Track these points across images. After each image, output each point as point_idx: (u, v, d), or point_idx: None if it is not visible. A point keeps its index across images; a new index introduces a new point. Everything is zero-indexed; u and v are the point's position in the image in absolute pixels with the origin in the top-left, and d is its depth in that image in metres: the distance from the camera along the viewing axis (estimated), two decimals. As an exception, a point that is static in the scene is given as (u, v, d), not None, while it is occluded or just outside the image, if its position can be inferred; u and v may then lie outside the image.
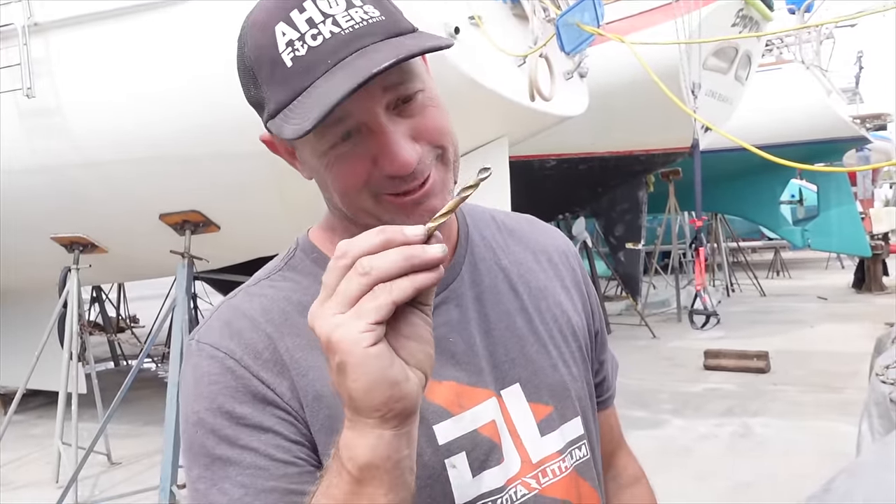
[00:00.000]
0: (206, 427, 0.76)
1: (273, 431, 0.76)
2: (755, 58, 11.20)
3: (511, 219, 1.04)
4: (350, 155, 0.77)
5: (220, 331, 0.81)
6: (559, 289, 0.99)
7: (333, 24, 0.73)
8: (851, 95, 17.97)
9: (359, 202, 0.79)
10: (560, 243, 1.05)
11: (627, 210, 11.42)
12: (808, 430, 5.57)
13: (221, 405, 0.76)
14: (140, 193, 5.33)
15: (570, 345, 0.96)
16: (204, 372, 0.79)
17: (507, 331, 0.90)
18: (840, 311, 11.46)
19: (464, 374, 0.85)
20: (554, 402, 0.90)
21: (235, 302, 0.85)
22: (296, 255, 0.90)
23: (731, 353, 7.92)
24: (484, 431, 0.84)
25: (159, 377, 9.14)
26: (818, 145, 14.34)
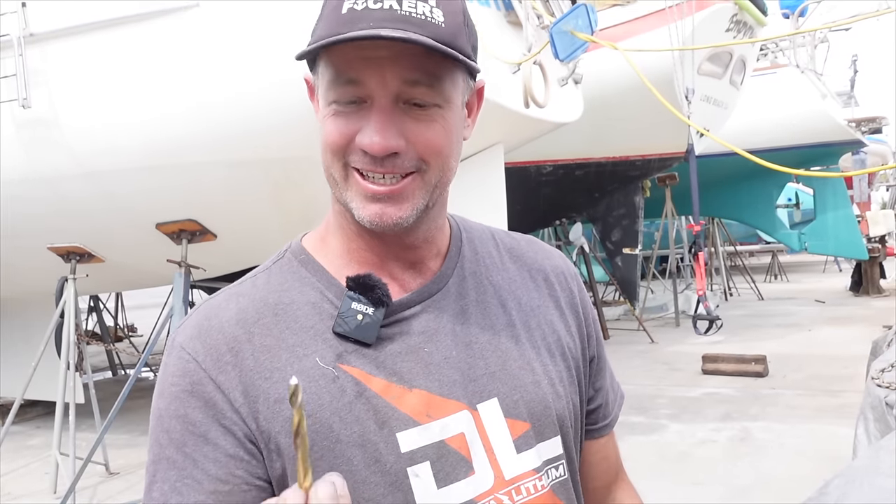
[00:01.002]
0: (163, 426, 0.81)
1: (213, 444, 0.79)
2: (750, 62, 11.25)
3: (510, 237, 1.04)
4: (346, 116, 0.80)
5: (192, 330, 0.84)
6: (552, 309, 0.98)
7: (397, 2, 0.77)
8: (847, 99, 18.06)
9: (333, 167, 0.82)
10: (559, 264, 1.04)
11: (624, 215, 11.44)
12: (806, 434, 5.58)
13: (177, 408, 0.80)
14: (136, 203, 5.33)
15: (558, 364, 0.94)
16: (170, 371, 0.83)
17: (489, 345, 0.89)
18: (838, 315, 11.47)
19: (435, 384, 0.84)
20: (532, 419, 0.88)
21: (214, 302, 0.87)
22: (285, 256, 0.92)
23: (729, 357, 7.93)
24: (452, 443, 0.83)
25: (157, 386, 9.12)
26: (814, 149, 14.39)
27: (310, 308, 0.85)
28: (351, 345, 0.83)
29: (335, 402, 0.80)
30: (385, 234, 0.85)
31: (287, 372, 0.81)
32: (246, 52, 4.62)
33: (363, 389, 0.81)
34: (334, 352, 0.82)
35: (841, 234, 14.58)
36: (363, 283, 0.84)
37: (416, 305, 0.88)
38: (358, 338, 0.83)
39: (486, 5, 5.25)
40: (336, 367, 0.82)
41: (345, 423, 0.80)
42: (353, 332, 0.83)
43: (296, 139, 4.81)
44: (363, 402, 0.81)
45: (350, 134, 0.80)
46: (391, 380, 0.83)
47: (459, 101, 0.85)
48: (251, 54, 4.60)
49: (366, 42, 0.76)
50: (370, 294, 0.83)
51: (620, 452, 1.12)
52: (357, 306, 0.83)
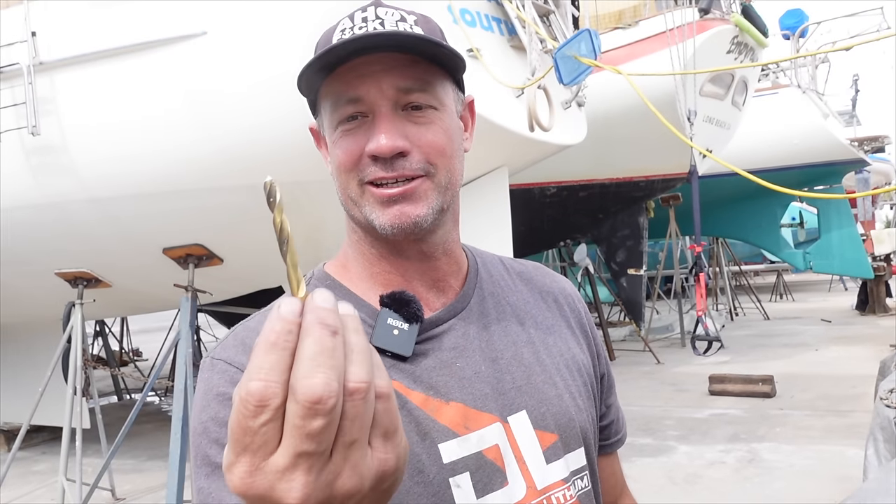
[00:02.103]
0: (211, 437, 0.79)
1: None
2: (751, 83, 11.31)
3: (518, 263, 1.09)
4: (352, 134, 0.85)
5: (233, 348, 0.85)
6: (564, 328, 1.02)
7: (381, 24, 0.85)
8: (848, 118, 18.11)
9: (348, 186, 0.87)
10: (565, 287, 1.09)
11: (628, 236, 11.45)
12: (815, 455, 5.54)
13: (226, 416, 0.75)
14: (144, 228, 5.37)
15: (576, 379, 0.98)
16: (214, 384, 0.82)
17: (513, 360, 0.93)
18: (844, 334, 11.43)
19: (469, 397, 0.87)
20: (559, 430, 0.92)
21: (251, 324, 0.89)
22: (310, 283, 0.95)
23: (735, 377, 7.89)
24: (488, 454, 0.86)
25: (163, 411, 9.11)
26: (817, 168, 14.42)
27: None
28: (388, 360, 0.85)
29: None
30: (406, 247, 0.89)
31: None
32: (252, 79, 4.67)
33: (404, 402, 0.84)
34: None
35: (846, 252, 14.56)
36: (398, 299, 0.86)
37: (444, 323, 0.91)
38: (395, 351, 0.85)
39: (490, 30, 5.31)
40: None
41: None
42: (391, 345, 0.85)
43: (302, 164, 4.84)
44: (405, 414, 0.83)
45: (359, 150, 0.84)
46: (429, 393, 0.86)
47: (453, 107, 0.91)
48: (257, 81, 4.66)
49: (359, 60, 0.83)
50: (405, 309, 0.86)
51: (628, 474, 1.16)
52: (392, 322, 0.86)
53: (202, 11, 4.73)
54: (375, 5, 0.88)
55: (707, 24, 9.19)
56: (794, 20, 14.60)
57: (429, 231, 0.88)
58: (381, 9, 0.87)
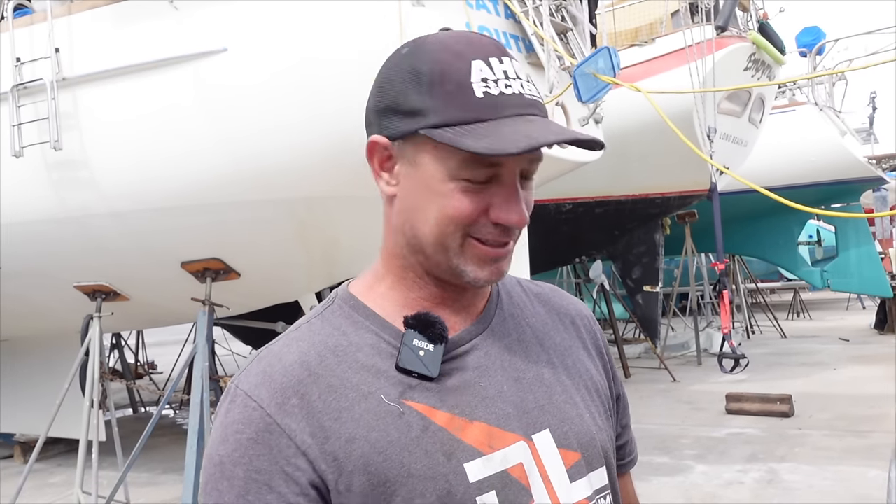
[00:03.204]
0: (225, 473, 0.82)
1: (277, 492, 0.81)
2: (768, 100, 11.28)
3: (535, 284, 1.10)
4: (475, 193, 0.85)
5: (255, 377, 0.87)
6: (581, 349, 1.04)
7: (521, 86, 0.85)
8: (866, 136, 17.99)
9: (448, 237, 0.87)
10: (581, 308, 1.11)
11: (644, 253, 11.40)
12: (835, 476, 5.46)
13: (241, 455, 0.82)
14: (162, 242, 5.41)
15: (594, 400, 1.00)
16: (234, 419, 0.85)
17: (535, 380, 0.94)
18: (863, 353, 11.29)
19: (493, 416, 0.88)
20: (582, 449, 0.93)
21: (275, 348, 0.90)
22: (334, 303, 0.95)
23: (753, 396, 7.82)
24: (513, 473, 0.87)
25: (178, 424, 9.13)
26: (834, 186, 14.32)
27: (369, 348, 0.89)
28: (414, 380, 0.87)
29: (403, 437, 0.84)
30: (459, 288, 0.93)
31: (355, 410, 0.84)
32: (272, 95, 4.71)
33: (428, 423, 0.85)
34: (397, 389, 0.86)
35: (864, 271, 14.41)
36: (423, 321, 0.88)
37: (466, 343, 0.92)
38: (421, 372, 0.87)
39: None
40: (401, 402, 0.85)
41: (414, 458, 0.83)
42: (417, 366, 0.87)
43: (320, 179, 4.87)
44: (429, 435, 0.84)
45: (481, 209, 0.85)
46: (454, 412, 0.87)
47: None
48: (277, 97, 4.70)
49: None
50: (430, 331, 0.88)
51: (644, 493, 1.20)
52: (418, 343, 0.88)
53: (222, 28, 4.78)
54: (502, 55, 0.86)
55: (724, 42, 9.18)
56: (811, 38, 14.57)
57: None
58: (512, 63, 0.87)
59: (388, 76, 0.88)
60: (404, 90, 0.86)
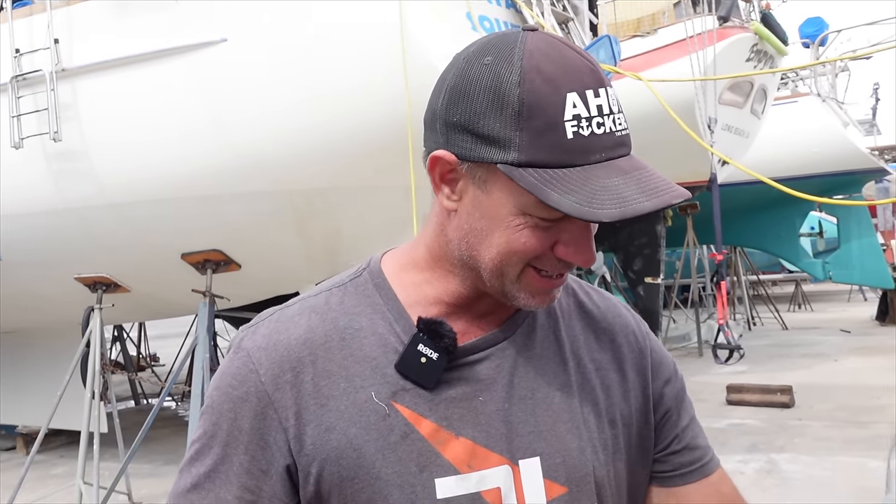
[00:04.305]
0: (213, 418, 0.86)
1: (252, 456, 0.83)
2: (771, 91, 11.24)
3: (583, 290, 1.02)
4: (545, 230, 0.81)
5: (262, 339, 0.87)
6: (613, 372, 0.97)
7: (613, 122, 0.78)
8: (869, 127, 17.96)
9: (509, 266, 0.83)
10: (629, 323, 1.02)
11: (646, 244, 11.37)
12: (835, 466, 5.47)
13: (229, 409, 0.85)
14: (162, 233, 5.41)
15: (605, 431, 0.93)
16: (231, 372, 0.87)
17: (542, 402, 0.90)
18: (864, 344, 11.29)
19: (482, 434, 0.86)
20: (570, 484, 0.88)
21: (287, 314, 0.90)
22: (362, 275, 0.93)
23: (754, 387, 7.81)
24: (487, 496, 0.84)
25: (179, 416, 9.15)
26: (837, 177, 14.28)
27: (376, 339, 0.87)
28: (409, 383, 0.85)
29: (381, 439, 0.83)
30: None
31: (342, 402, 0.84)
32: (272, 87, 4.70)
33: (411, 431, 0.84)
34: (391, 388, 0.85)
35: (866, 262, 14.39)
36: (433, 329, 0.86)
37: (480, 352, 0.89)
38: (417, 380, 0.85)
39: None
40: (389, 404, 0.84)
41: (387, 462, 0.83)
42: (414, 373, 0.85)
43: (320, 171, 4.87)
44: (408, 443, 0.83)
45: (548, 245, 0.81)
46: (441, 424, 0.85)
47: None
48: (277, 88, 4.69)
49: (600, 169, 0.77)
50: (438, 341, 0.85)
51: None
52: (422, 349, 0.85)
53: (222, 18, 4.77)
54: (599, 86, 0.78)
55: (726, 32, 9.13)
56: (814, 28, 14.51)
57: None
58: (608, 94, 0.78)
59: (465, 87, 0.79)
60: (484, 112, 0.77)
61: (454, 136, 0.80)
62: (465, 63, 0.80)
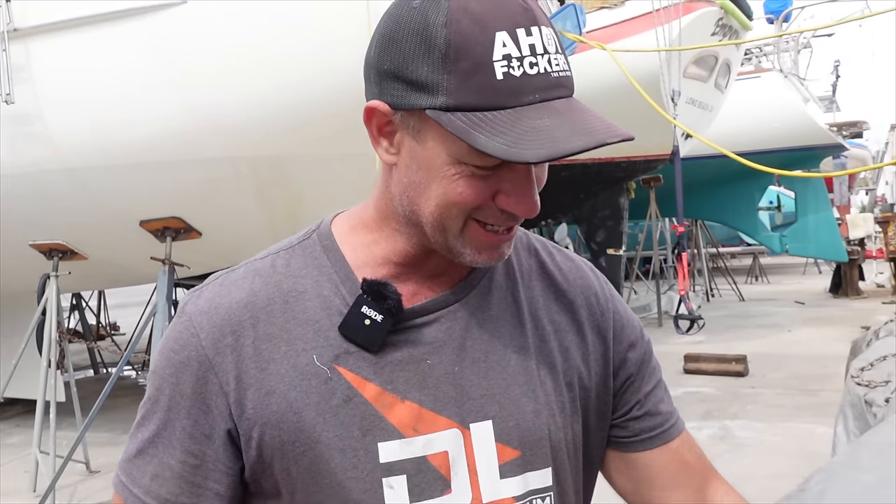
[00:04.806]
0: (156, 382, 0.86)
1: (194, 420, 0.83)
2: (734, 66, 11.35)
3: (546, 250, 0.99)
4: (483, 179, 0.77)
5: (204, 303, 0.86)
6: (572, 334, 0.94)
7: (548, 62, 0.74)
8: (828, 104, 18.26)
9: (449, 220, 0.79)
10: (592, 284, 0.99)
11: (609, 216, 11.49)
12: (785, 432, 5.64)
13: (171, 374, 0.84)
14: (120, 200, 5.31)
15: (563, 394, 0.91)
16: (173, 337, 0.86)
17: (497, 365, 0.87)
18: (817, 316, 11.60)
19: (430, 398, 0.84)
20: (523, 447, 0.86)
21: (231, 277, 0.89)
22: (311, 237, 0.91)
23: (710, 357, 7.99)
24: (433, 460, 0.83)
25: (140, 385, 9.06)
26: (796, 152, 14.54)
27: (320, 301, 0.86)
28: (353, 346, 0.83)
29: (322, 403, 0.82)
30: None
31: (283, 365, 0.83)
32: (233, 50, 4.61)
33: (354, 394, 0.82)
34: (334, 351, 0.83)
35: (821, 236, 14.74)
36: (377, 291, 0.83)
37: (429, 314, 0.87)
38: (361, 342, 0.83)
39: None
40: (332, 367, 0.83)
41: (328, 426, 0.81)
42: (358, 335, 0.83)
43: (282, 137, 4.80)
44: (351, 407, 0.82)
45: (488, 195, 0.78)
46: (386, 388, 0.83)
47: None
48: (238, 52, 4.59)
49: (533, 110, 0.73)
50: (382, 303, 0.83)
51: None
52: (366, 311, 0.83)
53: (182, -21, 4.64)
54: (531, 24, 0.73)
55: (692, 6, 9.18)
56: (779, 4, 14.68)
57: None
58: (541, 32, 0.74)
59: (394, 33, 0.76)
60: (412, 57, 0.74)
61: (387, 85, 0.77)
62: (395, 8, 0.78)
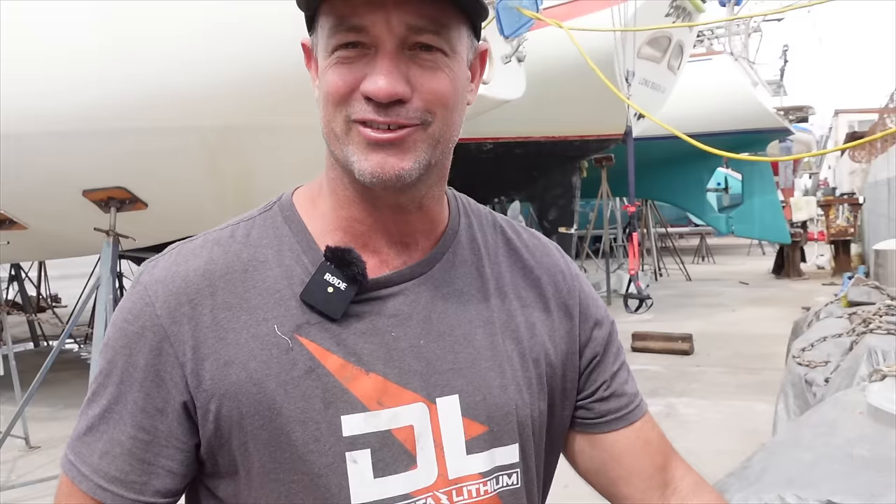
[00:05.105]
0: (108, 355, 0.83)
1: (147, 393, 0.80)
2: (687, 48, 11.48)
3: (512, 229, 0.99)
4: (349, 63, 0.77)
5: (160, 272, 0.84)
6: (539, 311, 0.93)
7: None
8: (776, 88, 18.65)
9: (333, 120, 0.79)
10: (558, 262, 0.99)
11: (561, 195, 11.59)
12: (728, 409, 5.80)
13: (124, 345, 0.81)
14: (62, 168, 5.12)
15: (529, 370, 0.90)
16: (126, 307, 0.83)
17: (462, 339, 0.86)
18: (760, 296, 11.93)
19: (395, 371, 0.82)
20: (490, 423, 0.85)
21: (189, 247, 0.86)
22: (272, 208, 0.89)
23: (657, 335, 8.16)
24: (398, 435, 0.81)
25: (82, 358, 8.86)
26: (744, 135, 14.84)
27: (282, 271, 0.83)
28: (315, 316, 0.81)
29: (283, 374, 0.79)
30: (382, 195, 0.82)
31: (242, 335, 0.80)
32: (181, 15, 4.46)
33: (316, 365, 0.80)
34: (295, 321, 0.81)
35: (766, 218, 15.14)
36: (341, 257, 0.82)
37: (394, 286, 0.85)
38: (323, 310, 0.81)
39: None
40: (293, 337, 0.80)
41: (290, 397, 0.79)
42: (320, 303, 0.81)
43: (235, 106, 4.69)
44: (313, 378, 0.79)
45: (354, 82, 0.76)
46: (349, 359, 0.81)
47: (465, 56, 0.82)
48: (187, 17, 4.45)
49: None
50: (345, 269, 0.81)
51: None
52: (329, 278, 0.81)
53: (127, -60, 4.46)
54: None
55: (648, -14, 9.23)
56: (731, -13, 14.84)
57: (410, 185, 0.80)
58: None
59: None
60: None
61: (307, 22, 0.82)
62: None
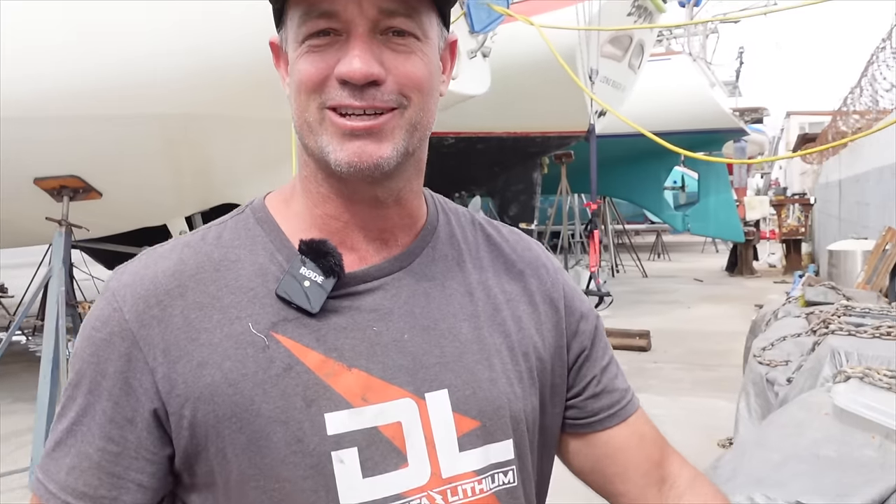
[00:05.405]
0: (77, 365, 0.80)
1: (115, 402, 0.77)
2: (647, 47, 11.63)
3: (491, 225, 0.98)
4: (320, 51, 0.75)
5: (128, 276, 0.81)
6: (524, 304, 0.91)
7: None
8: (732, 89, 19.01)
9: (307, 109, 0.77)
10: (540, 256, 0.98)
11: (522, 191, 11.64)
12: (685, 406, 5.88)
13: (92, 354, 0.78)
14: (12, 156, 4.95)
15: (519, 363, 0.87)
16: (94, 315, 0.81)
17: (448, 333, 0.84)
18: (714, 293, 12.15)
19: (378, 366, 0.79)
20: (483, 418, 0.82)
21: (158, 251, 0.84)
22: (244, 212, 0.87)
23: (615, 331, 8.23)
24: (386, 432, 0.78)
25: (31, 351, 8.60)
26: (700, 135, 15.11)
27: (255, 269, 0.81)
28: (292, 312, 0.78)
29: (260, 373, 0.76)
30: (359, 188, 0.80)
31: (215, 334, 0.77)
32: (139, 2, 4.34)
33: (294, 363, 0.76)
34: (270, 318, 0.78)
35: (721, 216, 15.43)
36: (316, 249, 0.79)
37: (373, 280, 0.82)
38: (300, 304, 0.78)
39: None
40: (269, 335, 0.77)
41: (268, 397, 0.75)
42: (296, 297, 0.78)
43: (191, 96, 4.58)
44: (292, 376, 0.76)
45: (327, 69, 0.74)
46: (330, 355, 0.78)
47: (437, 44, 0.81)
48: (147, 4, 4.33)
49: None
50: (322, 261, 0.79)
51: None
52: (305, 271, 0.78)
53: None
54: None
55: (611, -15, 9.31)
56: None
57: (388, 175, 0.78)
58: None
59: None
60: None
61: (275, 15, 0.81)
62: None
